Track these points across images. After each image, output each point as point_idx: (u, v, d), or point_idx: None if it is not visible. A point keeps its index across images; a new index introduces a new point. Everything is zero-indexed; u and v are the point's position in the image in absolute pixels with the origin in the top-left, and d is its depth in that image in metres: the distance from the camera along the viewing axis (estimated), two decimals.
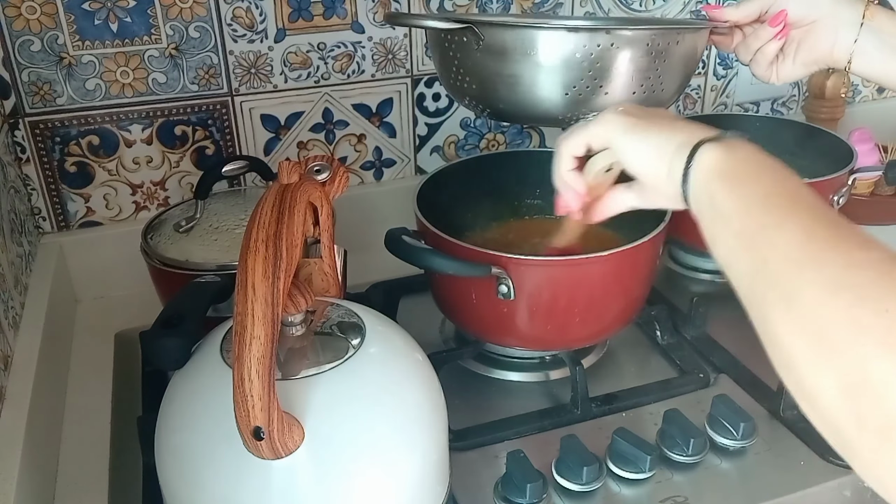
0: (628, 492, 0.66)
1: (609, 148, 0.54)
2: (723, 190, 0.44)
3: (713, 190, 0.45)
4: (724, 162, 0.45)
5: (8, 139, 0.87)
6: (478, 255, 0.70)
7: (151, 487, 0.61)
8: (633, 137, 0.52)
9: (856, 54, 0.67)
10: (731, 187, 0.44)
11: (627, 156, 0.52)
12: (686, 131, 0.49)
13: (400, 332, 0.59)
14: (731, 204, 0.44)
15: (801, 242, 0.38)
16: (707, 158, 0.46)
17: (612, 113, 0.54)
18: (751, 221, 0.42)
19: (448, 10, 0.99)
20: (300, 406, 0.47)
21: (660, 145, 0.50)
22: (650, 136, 0.51)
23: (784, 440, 0.71)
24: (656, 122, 0.52)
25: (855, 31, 0.66)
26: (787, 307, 0.37)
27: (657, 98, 0.67)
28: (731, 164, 0.45)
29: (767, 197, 0.42)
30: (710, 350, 0.84)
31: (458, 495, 0.64)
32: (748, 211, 0.42)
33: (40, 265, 0.89)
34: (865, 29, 0.66)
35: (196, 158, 0.97)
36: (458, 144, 1.09)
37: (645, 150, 0.51)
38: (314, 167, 0.58)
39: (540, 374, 0.81)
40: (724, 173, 0.45)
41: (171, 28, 0.89)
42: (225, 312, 0.58)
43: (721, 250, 0.44)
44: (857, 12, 0.66)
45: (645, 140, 0.51)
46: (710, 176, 0.46)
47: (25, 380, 0.69)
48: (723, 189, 0.45)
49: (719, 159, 0.46)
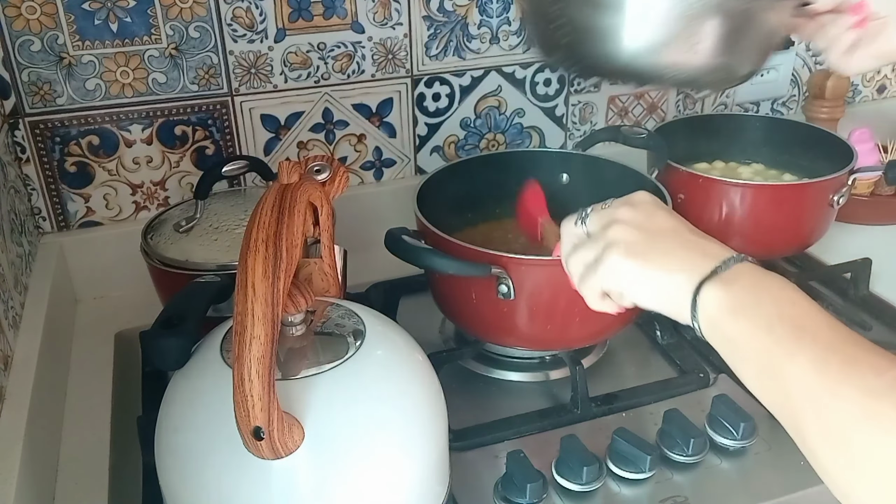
0: (628, 492, 0.66)
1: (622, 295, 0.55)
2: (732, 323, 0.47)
3: (723, 324, 0.47)
4: (726, 301, 0.47)
5: (8, 139, 0.87)
6: (478, 255, 0.70)
7: (151, 487, 0.61)
8: (641, 282, 0.53)
9: None
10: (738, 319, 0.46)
11: (640, 300, 0.54)
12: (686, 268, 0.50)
13: (400, 332, 0.59)
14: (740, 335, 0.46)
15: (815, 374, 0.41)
16: (709, 300, 0.48)
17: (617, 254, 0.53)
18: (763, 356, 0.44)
19: (448, 10, 0.99)
20: (300, 406, 0.47)
21: (665, 286, 0.51)
22: (656, 276, 0.52)
23: (784, 440, 0.70)
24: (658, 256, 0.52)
25: None
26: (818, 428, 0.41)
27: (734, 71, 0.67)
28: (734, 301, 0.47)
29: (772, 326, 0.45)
30: (710, 350, 0.82)
31: (458, 495, 0.64)
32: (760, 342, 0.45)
33: (40, 265, 0.89)
34: None
35: (196, 158, 0.97)
36: (458, 144, 1.09)
37: (653, 293, 0.52)
38: (314, 167, 0.58)
39: (540, 374, 0.81)
40: (729, 309, 0.47)
41: (171, 28, 0.89)
42: (225, 312, 0.58)
43: (745, 380, 0.47)
44: None
45: (652, 282, 0.52)
46: (717, 313, 0.48)
47: (25, 380, 0.69)
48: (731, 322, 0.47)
49: (720, 299, 0.48)
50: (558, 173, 0.91)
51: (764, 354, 0.44)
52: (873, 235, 1.05)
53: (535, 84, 1.09)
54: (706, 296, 0.48)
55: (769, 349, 0.44)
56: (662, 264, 0.52)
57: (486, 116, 1.08)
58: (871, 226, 1.07)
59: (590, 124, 1.15)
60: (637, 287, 0.53)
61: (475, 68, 1.04)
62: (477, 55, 1.04)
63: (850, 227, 1.05)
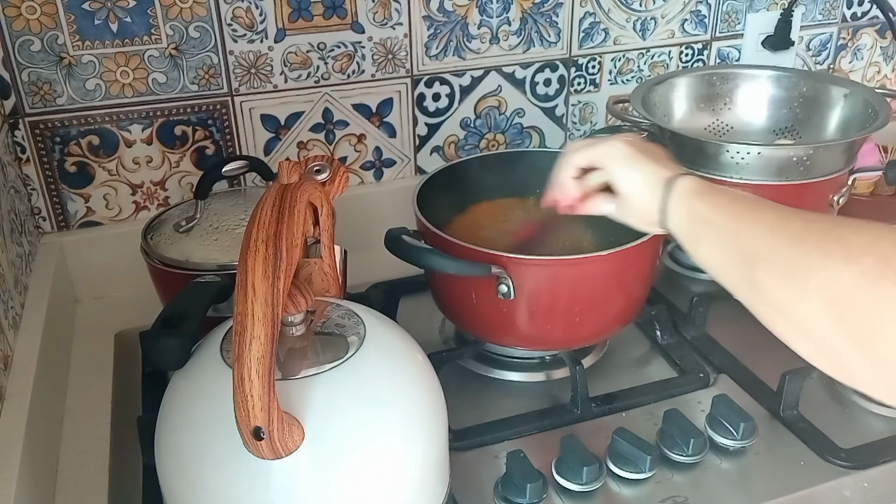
0: (628, 492, 0.66)
1: (605, 168, 0.64)
2: (701, 202, 0.56)
3: (693, 204, 0.57)
4: (698, 185, 0.57)
5: (8, 139, 0.87)
6: (478, 255, 0.70)
7: (151, 487, 0.61)
8: (628, 165, 0.62)
9: None
10: (709, 199, 0.56)
11: (619, 178, 0.63)
12: (672, 169, 0.60)
13: (400, 332, 0.59)
14: (708, 208, 0.55)
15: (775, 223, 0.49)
16: (685, 183, 0.58)
17: (619, 141, 0.63)
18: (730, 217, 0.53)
19: (448, 10, 0.99)
20: (300, 406, 0.47)
21: (646, 174, 0.61)
22: (641, 166, 0.62)
23: (784, 440, 0.71)
24: (649, 157, 0.62)
25: None
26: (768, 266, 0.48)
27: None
28: (706, 186, 0.57)
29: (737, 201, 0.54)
30: (710, 350, 0.84)
31: (458, 495, 0.64)
32: (724, 209, 0.54)
33: (40, 265, 0.89)
34: None
35: (196, 158, 0.97)
36: (458, 144, 1.09)
37: (633, 176, 0.62)
38: (314, 167, 0.58)
39: (540, 374, 0.81)
40: (700, 191, 0.57)
41: (171, 28, 0.89)
42: (225, 312, 0.58)
43: (704, 249, 0.55)
44: None
45: (636, 168, 0.62)
46: (689, 195, 0.57)
47: (25, 380, 0.69)
48: (701, 201, 0.56)
49: (695, 184, 0.58)
50: None
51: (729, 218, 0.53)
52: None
53: (535, 84, 1.09)
54: (682, 182, 0.58)
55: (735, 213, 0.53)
56: (652, 160, 0.62)
57: (486, 116, 1.08)
58: None
59: (590, 124, 1.15)
60: (622, 166, 0.62)
61: (475, 68, 1.04)
62: (477, 55, 1.04)
63: None
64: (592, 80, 1.12)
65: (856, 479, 0.67)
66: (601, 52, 1.10)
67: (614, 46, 1.11)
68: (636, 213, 0.63)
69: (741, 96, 1.03)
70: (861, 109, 0.93)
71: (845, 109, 0.96)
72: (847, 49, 1.27)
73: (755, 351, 0.83)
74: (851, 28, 1.25)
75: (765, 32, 1.18)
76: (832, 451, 0.69)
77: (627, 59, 1.12)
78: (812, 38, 1.23)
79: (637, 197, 0.62)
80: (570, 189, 0.67)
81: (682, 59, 1.16)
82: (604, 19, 1.08)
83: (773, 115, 1.02)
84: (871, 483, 0.67)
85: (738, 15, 1.16)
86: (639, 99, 0.92)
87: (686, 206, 0.57)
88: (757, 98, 1.02)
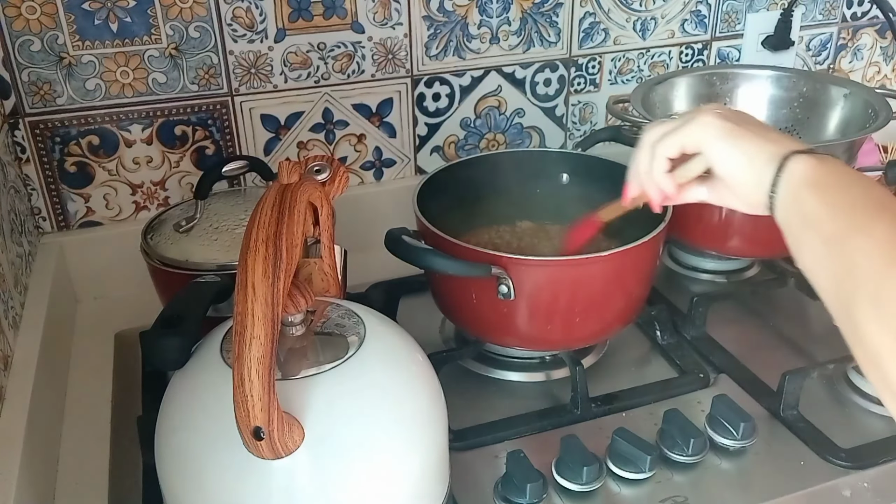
0: (628, 492, 0.66)
1: (701, 152, 0.54)
2: (812, 197, 0.46)
3: (803, 197, 0.47)
4: (813, 171, 0.47)
5: (8, 139, 0.87)
6: (478, 255, 0.70)
7: (151, 487, 0.61)
8: (728, 143, 0.52)
9: None
10: (821, 194, 0.46)
11: (719, 160, 0.53)
12: (779, 143, 0.51)
13: (400, 332, 0.59)
14: (820, 209, 0.46)
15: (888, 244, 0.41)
16: (798, 168, 0.48)
17: (708, 115, 0.54)
18: (839, 225, 0.44)
19: (448, 10, 0.99)
20: (300, 406, 0.47)
21: (752, 153, 0.51)
22: (743, 143, 0.52)
23: (784, 440, 0.71)
24: (750, 129, 0.52)
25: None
26: (874, 305, 0.40)
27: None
28: (821, 174, 0.47)
29: (855, 204, 0.44)
30: (710, 350, 0.84)
31: (458, 495, 0.64)
32: (836, 216, 0.44)
33: (40, 265, 0.89)
34: None
35: (196, 158, 0.97)
36: (458, 144, 1.09)
37: (737, 157, 0.52)
38: (314, 167, 0.58)
39: (540, 374, 0.81)
40: (813, 182, 0.47)
41: (171, 28, 0.89)
42: (225, 312, 0.58)
43: (807, 257, 0.46)
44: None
45: (739, 147, 0.52)
46: (800, 184, 0.48)
47: (25, 380, 0.69)
48: (812, 196, 0.46)
49: (809, 169, 0.48)
50: (558, 173, 0.91)
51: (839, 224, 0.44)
52: None
53: (535, 84, 1.09)
54: (796, 164, 0.48)
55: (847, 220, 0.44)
56: (755, 132, 0.52)
57: (486, 116, 1.08)
58: None
59: (590, 124, 1.15)
60: (721, 146, 0.52)
61: (475, 68, 1.04)
62: (477, 55, 1.04)
63: None
64: (592, 80, 1.12)
65: (856, 479, 0.67)
66: (601, 52, 1.10)
67: (614, 46, 1.11)
68: (742, 199, 0.53)
69: (741, 96, 1.03)
70: (861, 109, 0.93)
71: (845, 109, 0.96)
72: (847, 49, 1.27)
73: (755, 351, 0.83)
74: (851, 28, 1.25)
75: (765, 32, 1.18)
76: (832, 451, 0.69)
77: (627, 59, 1.12)
78: (812, 38, 1.23)
79: (742, 180, 0.52)
80: (666, 186, 0.58)
81: (682, 59, 1.16)
82: (604, 19, 1.08)
83: (773, 115, 1.02)
84: (871, 483, 0.67)
85: (738, 15, 1.16)
86: (639, 99, 0.92)
87: (795, 197, 0.48)
88: (757, 98, 1.02)
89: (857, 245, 0.42)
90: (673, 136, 0.55)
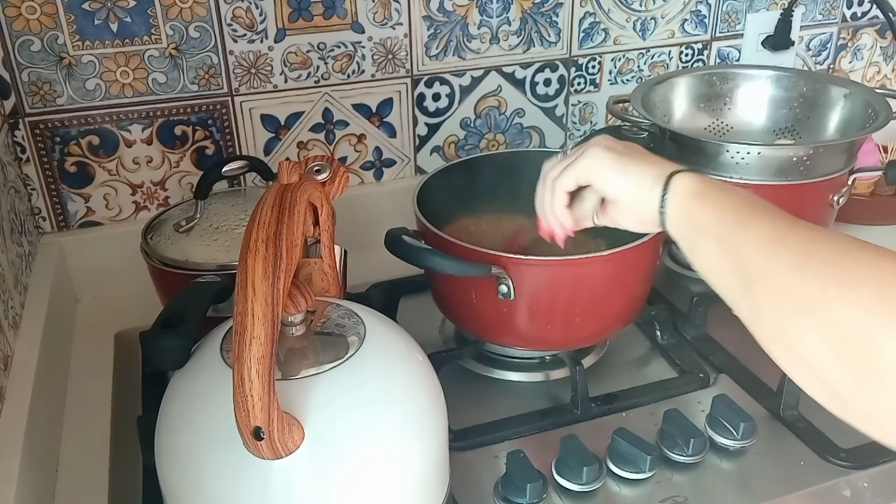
0: (628, 492, 0.66)
1: (592, 183, 0.60)
2: (700, 206, 0.53)
3: (691, 207, 0.53)
4: (696, 186, 0.54)
5: (8, 139, 0.87)
6: (478, 255, 0.70)
7: (151, 487, 0.61)
8: (617, 170, 0.59)
9: None
10: (707, 202, 0.52)
11: (611, 187, 0.59)
12: (661, 165, 0.57)
13: (400, 332, 0.59)
14: (708, 215, 0.52)
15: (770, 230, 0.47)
16: (682, 184, 0.55)
17: (596, 147, 0.60)
18: (727, 224, 0.50)
19: (448, 10, 0.99)
20: (300, 406, 0.47)
21: (639, 177, 0.57)
22: (631, 168, 0.58)
23: (784, 440, 0.71)
24: (635, 156, 0.59)
25: None
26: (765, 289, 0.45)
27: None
28: (704, 187, 0.54)
29: (737, 206, 0.51)
30: (710, 350, 0.84)
31: (458, 495, 0.64)
32: (722, 218, 0.51)
33: (40, 265, 0.89)
34: None
35: (196, 158, 0.97)
36: (458, 144, 1.09)
37: (626, 182, 0.58)
38: (314, 167, 0.58)
39: (540, 374, 0.81)
40: (698, 193, 0.53)
41: (171, 28, 0.89)
42: (225, 312, 0.58)
43: (703, 259, 0.52)
44: None
45: (627, 172, 0.58)
46: (686, 197, 0.54)
47: (25, 380, 0.69)
48: (700, 205, 0.53)
49: (692, 184, 0.54)
50: None
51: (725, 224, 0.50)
52: (873, 235, 1.05)
53: (535, 84, 1.09)
54: (678, 183, 0.55)
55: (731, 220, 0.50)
56: (638, 160, 0.59)
57: (486, 116, 1.08)
58: (871, 226, 1.07)
59: (590, 124, 1.15)
60: (611, 175, 0.59)
61: (475, 68, 1.04)
62: (477, 55, 1.04)
63: (850, 227, 1.05)
64: (592, 80, 1.12)
65: (856, 478, 0.67)
66: (601, 52, 1.10)
67: (614, 46, 1.11)
68: (634, 218, 0.60)
69: (741, 96, 1.03)
70: (861, 109, 0.93)
71: (845, 109, 0.96)
72: (847, 49, 1.27)
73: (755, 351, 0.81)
74: (851, 28, 1.25)
75: (765, 32, 1.18)
76: (832, 451, 0.69)
77: (627, 59, 1.12)
78: (812, 38, 1.23)
79: (633, 201, 0.58)
80: (564, 219, 0.64)
81: (682, 59, 1.16)
82: (604, 19, 1.08)
83: (773, 115, 1.02)
84: (871, 483, 0.67)
85: (738, 15, 1.16)
86: (639, 99, 0.92)
87: (683, 209, 0.54)
88: (757, 98, 1.02)
89: (743, 237, 0.48)
90: (569, 171, 0.61)
